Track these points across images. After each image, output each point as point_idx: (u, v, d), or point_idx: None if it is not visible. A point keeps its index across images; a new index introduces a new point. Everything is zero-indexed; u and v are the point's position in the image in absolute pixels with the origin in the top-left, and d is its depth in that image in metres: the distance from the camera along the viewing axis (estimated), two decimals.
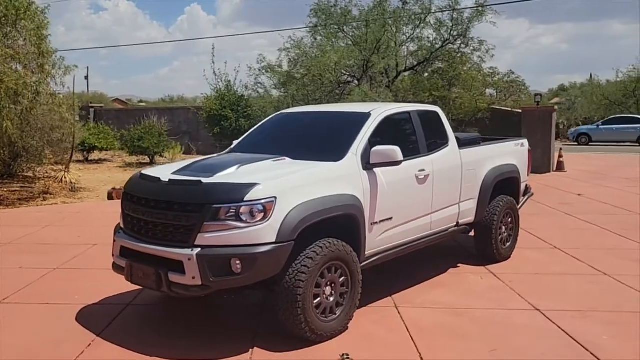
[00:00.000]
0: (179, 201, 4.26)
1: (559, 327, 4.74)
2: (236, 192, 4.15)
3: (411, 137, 5.71)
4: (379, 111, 5.52)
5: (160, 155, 20.30)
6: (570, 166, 16.81)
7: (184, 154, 21.57)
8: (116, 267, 4.78)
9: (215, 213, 4.11)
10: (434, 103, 17.02)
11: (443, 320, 4.95)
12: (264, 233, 4.10)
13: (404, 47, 17.43)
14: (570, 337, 4.55)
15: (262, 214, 4.11)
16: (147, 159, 20.32)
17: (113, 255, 4.79)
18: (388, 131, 5.45)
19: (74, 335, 4.62)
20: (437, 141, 6.01)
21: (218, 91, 18.45)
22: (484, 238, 6.63)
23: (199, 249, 4.10)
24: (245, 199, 4.11)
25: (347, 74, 15.51)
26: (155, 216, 4.38)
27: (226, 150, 5.99)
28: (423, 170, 5.52)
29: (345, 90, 15.58)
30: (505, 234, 6.86)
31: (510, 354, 4.27)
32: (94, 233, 8.42)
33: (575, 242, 7.73)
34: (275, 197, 4.17)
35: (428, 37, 17.71)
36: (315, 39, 16.82)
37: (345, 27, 16.40)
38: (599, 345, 4.38)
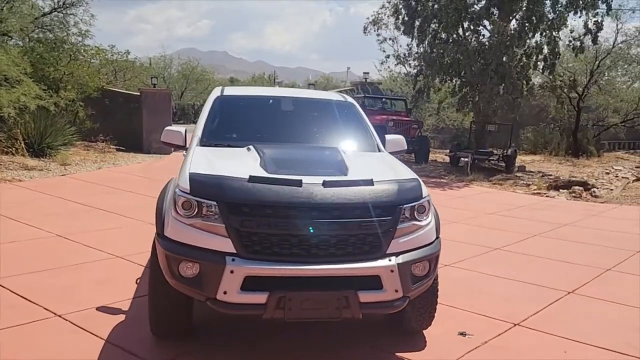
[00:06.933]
0: (369, 204, 3.46)
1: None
2: (414, 190, 3.74)
3: None
4: (349, 99, 5.48)
5: None
6: None
7: None
8: (238, 308, 3.31)
9: (406, 214, 3.60)
10: (60, 80, 14.81)
11: (466, 275, 5.77)
12: (434, 230, 3.87)
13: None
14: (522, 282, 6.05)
15: (428, 210, 3.86)
16: None
17: (223, 293, 3.27)
18: None
19: None
20: None
21: None
22: None
23: (395, 257, 3.53)
24: (423, 196, 3.77)
25: None
26: (326, 227, 3.38)
27: (195, 142, 4.49)
28: None
29: None
30: None
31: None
32: None
33: None
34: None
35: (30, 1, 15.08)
36: None
37: None
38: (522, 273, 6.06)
